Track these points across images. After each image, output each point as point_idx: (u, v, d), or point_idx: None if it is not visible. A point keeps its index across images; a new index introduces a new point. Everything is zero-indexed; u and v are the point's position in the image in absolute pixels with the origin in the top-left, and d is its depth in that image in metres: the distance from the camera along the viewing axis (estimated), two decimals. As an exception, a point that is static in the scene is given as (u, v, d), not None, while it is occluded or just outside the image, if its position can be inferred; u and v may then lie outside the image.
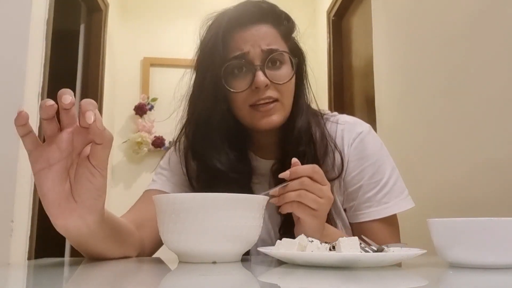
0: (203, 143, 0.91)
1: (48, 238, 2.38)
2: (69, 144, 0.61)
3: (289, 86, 0.91)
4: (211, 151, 0.90)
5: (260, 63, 0.87)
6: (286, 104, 0.90)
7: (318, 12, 3.47)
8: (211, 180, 0.90)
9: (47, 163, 0.60)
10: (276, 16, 0.93)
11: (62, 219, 0.62)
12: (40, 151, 0.60)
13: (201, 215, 0.63)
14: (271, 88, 0.88)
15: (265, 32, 0.89)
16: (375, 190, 0.92)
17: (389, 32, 2.13)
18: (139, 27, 3.61)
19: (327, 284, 0.50)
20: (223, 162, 0.89)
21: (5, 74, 1.71)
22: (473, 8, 1.39)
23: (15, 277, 0.63)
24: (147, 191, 0.95)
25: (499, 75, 1.25)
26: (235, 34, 0.89)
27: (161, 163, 1.00)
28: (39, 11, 1.98)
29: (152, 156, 3.41)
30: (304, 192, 0.75)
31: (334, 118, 0.99)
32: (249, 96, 0.88)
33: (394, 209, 0.92)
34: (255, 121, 0.89)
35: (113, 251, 0.73)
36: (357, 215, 0.93)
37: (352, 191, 0.94)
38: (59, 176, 0.61)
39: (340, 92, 3.05)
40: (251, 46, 0.88)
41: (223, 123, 0.90)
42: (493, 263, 0.57)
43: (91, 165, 0.61)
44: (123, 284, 0.55)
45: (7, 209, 1.72)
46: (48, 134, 0.61)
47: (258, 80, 0.86)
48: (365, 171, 0.93)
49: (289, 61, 0.91)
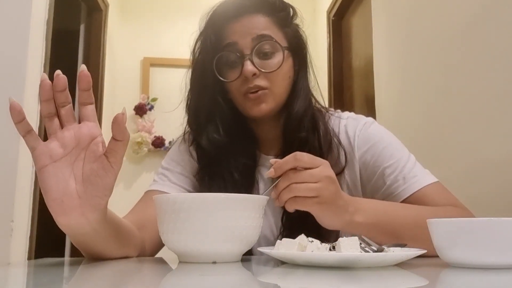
0: (208, 136, 0.92)
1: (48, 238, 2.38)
2: (72, 140, 0.61)
3: (280, 74, 0.91)
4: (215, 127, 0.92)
5: (249, 52, 0.89)
6: (276, 92, 0.91)
7: (318, 12, 3.47)
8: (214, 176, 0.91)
9: (50, 159, 0.61)
10: (269, 5, 0.93)
11: (64, 216, 0.62)
12: (43, 148, 0.61)
13: (201, 215, 0.63)
14: (260, 77, 0.89)
15: (256, 21, 0.91)
16: (398, 169, 0.88)
17: (389, 32, 2.13)
18: (139, 27, 3.61)
19: (327, 284, 0.50)
20: (226, 131, 0.92)
21: (5, 74, 1.71)
22: (473, 8, 1.39)
23: (15, 277, 0.63)
24: (148, 192, 0.95)
25: (498, 74, 1.25)
26: (227, 25, 0.91)
27: (163, 163, 1.00)
28: (39, 11, 1.98)
29: (152, 156, 3.42)
30: (294, 185, 0.70)
31: (337, 114, 1.00)
32: (241, 85, 0.90)
33: (426, 179, 0.87)
34: (247, 109, 0.91)
35: (114, 251, 0.73)
36: (391, 199, 0.88)
37: (376, 179, 0.90)
38: (63, 172, 0.61)
39: (340, 92, 3.05)
40: (241, 36, 0.89)
41: (225, 113, 0.93)
42: (493, 263, 0.57)
43: (107, 162, 0.61)
44: (123, 284, 0.55)
45: (7, 209, 1.72)
46: (50, 131, 0.61)
47: (246, 69, 0.88)
48: (382, 155, 0.90)
49: (280, 49, 0.91)
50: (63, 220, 0.62)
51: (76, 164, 0.62)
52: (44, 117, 0.62)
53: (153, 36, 3.60)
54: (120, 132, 0.60)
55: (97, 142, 0.62)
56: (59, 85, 0.61)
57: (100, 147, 0.62)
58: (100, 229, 0.66)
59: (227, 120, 0.93)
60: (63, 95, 0.62)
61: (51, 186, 0.61)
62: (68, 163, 0.61)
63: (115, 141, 0.61)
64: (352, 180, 0.94)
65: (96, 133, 0.63)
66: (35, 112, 1.91)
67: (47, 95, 0.61)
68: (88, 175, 0.62)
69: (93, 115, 0.63)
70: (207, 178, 0.92)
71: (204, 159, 0.94)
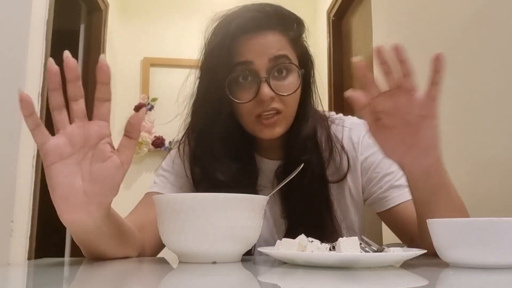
0: (205, 153, 0.90)
1: (48, 238, 2.38)
2: (80, 139, 0.62)
3: (295, 96, 0.88)
4: (214, 162, 0.89)
5: (266, 74, 0.85)
6: (289, 115, 0.89)
7: (318, 12, 3.48)
8: (213, 188, 0.87)
9: (59, 157, 0.61)
10: (284, 21, 0.89)
11: (69, 213, 0.62)
12: (52, 144, 0.61)
13: (201, 215, 0.63)
14: (276, 100, 0.85)
15: (271, 40, 0.86)
16: (397, 176, 0.90)
17: (389, 32, 2.13)
18: (139, 27, 3.61)
19: (327, 284, 0.50)
20: (226, 174, 0.88)
21: (5, 74, 1.71)
22: (473, 8, 1.39)
23: (15, 277, 0.63)
24: (148, 194, 0.94)
25: (500, 74, 1.25)
26: (241, 42, 0.85)
27: (163, 164, 0.99)
28: (39, 11, 1.98)
29: (152, 156, 3.42)
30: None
31: (340, 121, 0.98)
32: (253, 107, 0.86)
33: None
34: (258, 132, 0.88)
35: (115, 250, 0.73)
36: (383, 203, 0.91)
37: (374, 184, 0.92)
38: (71, 170, 0.61)
39: (340, 92, 3.05)
40: (257, 56, 0.85)
41: (226, 131, 0.88)
42: (493, 263, 0.57)
43: (118, 161, 0.62)
44: (123, 284, 0.55)
45: (7, 209, 1.71)
46: (58, 126, 0.61)
47: (263, 92, 0.83)
48: (383, 162, 0.92)
49: (296, 71, 0.88)
50: (68, 217, 0.62)
51: (83, 163, 0.62)
52: (53, 109, 0.61)
53: (153, 36, 3.60)
54: (135, 130, 0.62)
55: (105, 142, 0.62)
56: (69, 68, 0.60)
57: (108, 147, 0.62)
58: (104, 227, 0.66)
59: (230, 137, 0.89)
60: (76, 87, 0.61)
61: (58, 183, 0.61)
62: (76, 161, 0.62)
63: (128, 139, 0.62)
64: (355, 185, 0.95)
65: (106, 134, 0.63)
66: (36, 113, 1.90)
67: (56, 83, 0.60)
68: (97, 173, 0.62)
69: (107, 114, 0.63)
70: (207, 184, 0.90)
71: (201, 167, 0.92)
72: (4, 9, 1.70)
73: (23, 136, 1.76)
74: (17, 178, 1.76)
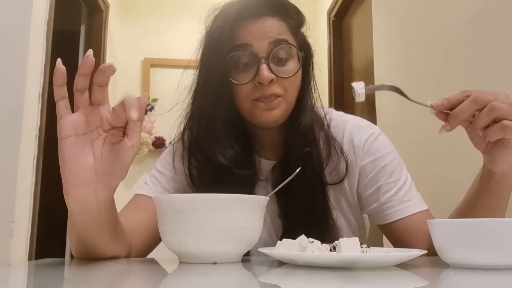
0: (207, 138, 0.89)
1: (49, 239, 2.38)
2: (97, 119, 0.64)
3: (295, 81, 0.87)
4: (216, 145, 0.88)
5: (265, 56, 0.84)
6: (289, 100, 0.88)
7: (318, 12, 3.48)
8: (214, 177, 0.88)
9: (74, 132, 0.63)
10: (285, 8, 0.89)
11: (76, 188, 0.64)
12: (69, 119, 0.63)
13: (202, 215, 0.63)
14: (275, 84, 0.84)
15: (272, 24, 0.86)
16: (394, 189, 0.88)
17: (389, 32, 2.13)
18: (139, 27, 3.62)
19: (327, 285, 0.50)
20: (228, 157, 0.87)
21: (6, 75, 1.71)
22: (473, 8, 1.39)
23: (16, 278, 0.63)
24: (137, 196, 0.93)
25: (499, 74, 1.25)
26: (241, 26, 0.85)
27: (157, 165, 0.98)
28: (39, 12, 1.99)
29: (152, 156, 3.42)
30: (507, 122, 0.68)
31: (341, 118, 0.96)
32: (252, 91, 0.85)
33: (419, 206, 0.88)
34: (256, 115, 0.87)
35: (106, 245, 0.72)
36: (381, 217, 0.90)
37: (370, 193, 0.90)
38: (84, 146, 0.64)
39: (340, 92, 3.06)
40: (257, 38, 0.84)
41: (227, 117, 0.88)
42: (494, 264, 0.57)
43: (130, 143, 0.65)
44: (123, 285, 0.55)
45: (7, 210, 1.72)
46: (79, 105, 0.64)
47: (262, 74, 0.82)
48: (383, 171, 0.90)
49: (296, 55, 0.87)
50: (74, 192, 0.64)
51: (96, 142, 0.65)
52: (76, 91, 0.64)
53: (153, 37, 3.61)
54: (140, 111, 0.63)
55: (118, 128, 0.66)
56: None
57: (120, 132, 0.66)
58: (103, 212, 0.67)
59: (232, 125, 0.89)
60: (105, 77, 0.65)
61: (70, 157, 0.63)
62: (90, 139, 0.64)
63: (133, 122, 0.63)
64: (351, 189, 0.93)
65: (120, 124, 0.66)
66: (36, 112, 1.91)
67: (88, 71, 0.64)
68: (109, 153, 0.65)
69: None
70: (206, 180, 0.89)
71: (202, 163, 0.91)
72: (5, 10, 1.70)
73: (24, 137, 1.76)
74: (18, 179, 1.77)
